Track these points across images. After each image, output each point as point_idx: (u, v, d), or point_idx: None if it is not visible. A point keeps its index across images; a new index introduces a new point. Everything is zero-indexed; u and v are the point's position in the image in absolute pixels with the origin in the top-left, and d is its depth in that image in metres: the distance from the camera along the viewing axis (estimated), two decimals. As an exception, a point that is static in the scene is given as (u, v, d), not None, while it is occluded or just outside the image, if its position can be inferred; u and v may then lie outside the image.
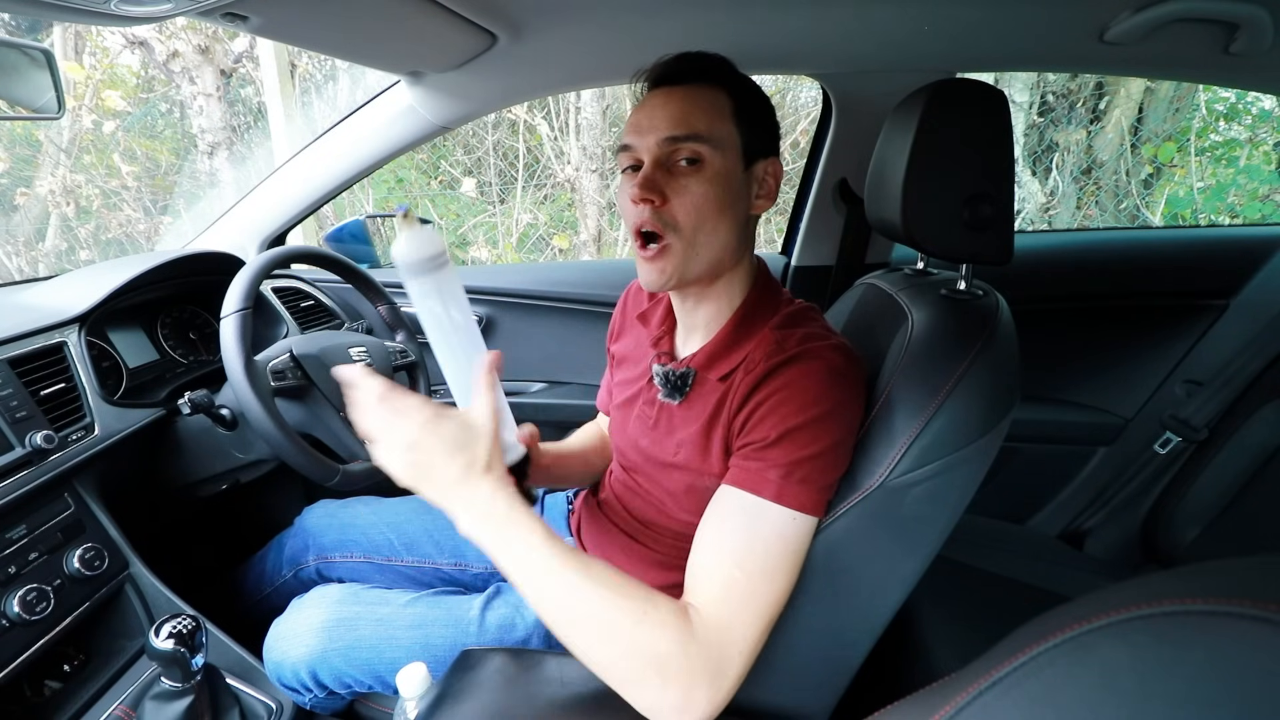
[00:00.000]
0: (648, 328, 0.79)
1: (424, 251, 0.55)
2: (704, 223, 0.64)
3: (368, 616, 0.81)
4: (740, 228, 0.67)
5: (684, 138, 0.63)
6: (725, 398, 0.66)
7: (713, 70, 0.66)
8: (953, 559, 1.10)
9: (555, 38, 1.03)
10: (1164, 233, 2.15)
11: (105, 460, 0.90)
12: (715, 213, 0.64)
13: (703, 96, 0.65)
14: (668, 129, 0.63)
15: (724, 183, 0.64)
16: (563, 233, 3.69)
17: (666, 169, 0.64)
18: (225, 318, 0.88)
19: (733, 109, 0.65)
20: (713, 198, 0.63)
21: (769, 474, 0.59)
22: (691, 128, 0.63)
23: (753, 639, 0.56)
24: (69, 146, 3.09)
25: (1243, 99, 3.26)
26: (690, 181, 0.63)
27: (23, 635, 0.73)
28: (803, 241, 1.40)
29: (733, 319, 0.70)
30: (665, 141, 0.63)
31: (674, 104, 0.64)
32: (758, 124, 0.67)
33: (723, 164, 0.64)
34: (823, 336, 0.65)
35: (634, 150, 0.66)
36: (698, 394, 0.70)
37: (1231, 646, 0.22)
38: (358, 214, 1.78)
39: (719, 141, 0.64)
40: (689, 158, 0.63)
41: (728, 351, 0.69)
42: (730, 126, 0.65)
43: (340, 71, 3.29)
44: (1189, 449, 1.29)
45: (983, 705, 0.29)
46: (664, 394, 0.72)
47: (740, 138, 0.65)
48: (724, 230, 0.65)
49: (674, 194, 0.63)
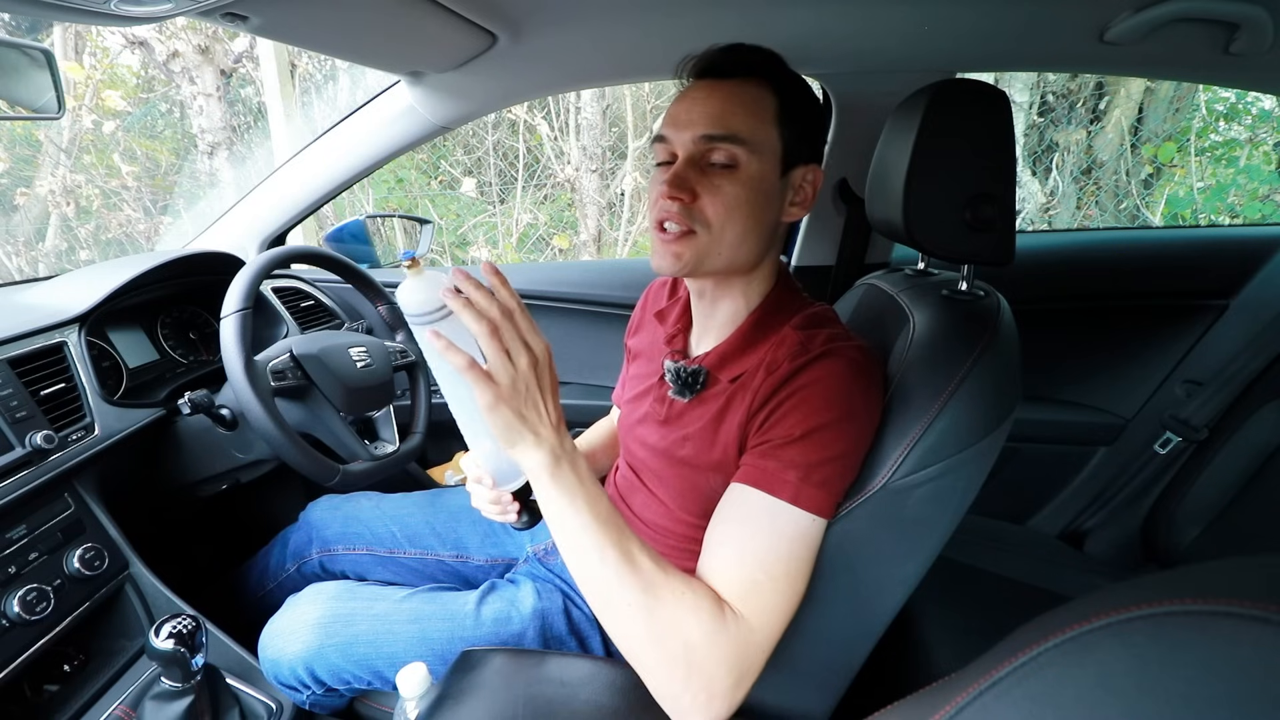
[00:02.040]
0: (664, 325, 0.79)
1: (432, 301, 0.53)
2: (732, 224, 0.63)
3: (364, 612, 0.81)
4: (768, 234, 0.66)
5: (721, 138, 0.61)
6: (736, 399, 0.66)
7: (761, 66, 0.64)
8: (953, 559, 1.10)
9: (555, 38, 1.03)
10: (1164, 233, 2.15)
11: (105, 460, 0.90)
12: (744, 216, 0.63)
13: (747, 94, 0.62)
14: (705, 126, 0.62)
15: (757, 187, 0.63)
16: (563, 233, 3.69)
17: (700, 167, 0.63)
18: (225, 318, 0.89)
19: (776, 110, 0.63)
20: (744, 201, 0.62)
21: (787, 475, 0.58)
22: (730, 128, 0.61)
23: (773, 641, 0.56)
24: (69, 146, 3.09)
25: (1243, 99, 3.26)
26: (723, 182, 0.62)
27: (23, 635, 0.73)
28: (803, 241, 1.40)
29: (748, 321, 0.69)
30: (701, 139, 0.62)
31: (715, 100, 0.62)
32: (802, 128, 0.64)
33: (758, 168, 0.62)
34: (846, 337, 0.65)
35: (669, 144, 0.65)
36: (708, 393, 0.70)
37: (1231, 646, 0.22)
38: (358, 214, 1.78)
39: (757, 145, 0.62)
40: (724, 161, 0.62)
41: (741, 354, 0.68)
42: (771, 130, 0.63)
43: (340, 71, 3.29)
44: (1189, 449, 1.29)
45: (983, 705, 0.29)
46: (674, 390, 0.72)
47: (781, 142, 0.63)
48: (751, 235, 0.64)
49: (705, 192, 0.62)
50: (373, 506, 1.02)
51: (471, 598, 0.83)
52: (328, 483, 0.91)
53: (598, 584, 0.55)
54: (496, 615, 0.81)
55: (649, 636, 0.54)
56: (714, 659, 0.53)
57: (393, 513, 1.01)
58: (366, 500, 1.04)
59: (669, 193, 0.62)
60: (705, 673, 0.53)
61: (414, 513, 1.01)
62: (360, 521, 1.00)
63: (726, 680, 0.53)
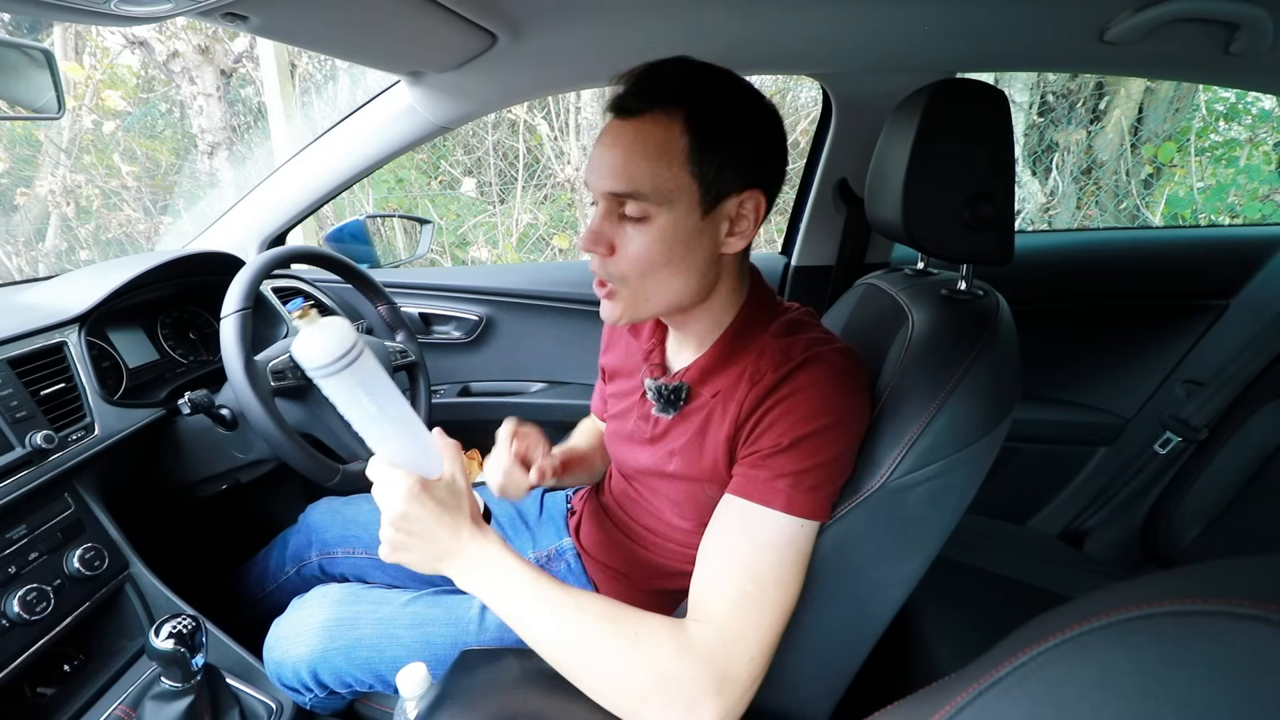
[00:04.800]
0: (639, 340, 0.78)
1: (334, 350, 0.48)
2: (650, 276, 0.61)
3: (368, 616, 0.81)
4: (701, 273, 0.63)
5: (624, 194, 0.59)
6: (719, 411, 0.65)
7: (669, 96, 0.58)
8: (953, 559, 1.10)
9: (555, 38, 1.03)
10: (1164, 233, 2.16)
11: (105, 460, 0.90)
12: (662, 265, 0.61)
13: (650, 139, 0.58)
14: (609, 183, 0.59)
15: (671, 238, 0.60)
16: (563, 233, 3.69)
17: (616, 215, 0.61)
18: (225, 318, 0.88)
19: (687, 148, 0.57)
20: (657, 254, 0.60)
21: (778, 484, 0.58)
22: (632, 184, 0.58)
23: (764, 647, 0.56)
24: (69, 146, 3.09)
25: (1243, 99, 3.26)
26: (634, 236, 0.60)
27: (23, 635, 0.73)
28: (803, 241, 1.40)
29: (725, 335, 0.68)
30: (607, 195, 0.60)
31: (619, 149, 0.59)
32: (726, 157, 0.59)
33: (669, 218, 0.59)
34: (825, 341, 0.64)
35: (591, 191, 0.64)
36: (690, 407, 0.69)
37: (1231, 646, 0.22)
38: (358, 214, 1.78)
39: (664, 196, 0.58)
40: (635, 215, 0.59)
41: (722, 367, 0.67)
42: (681, 173, 0.58)
43: (340, 71, 3.29)
44: (1189, 449, 1.29)
45: (983, 705, 0.29)
46: (657, 409, 0.71)
47: (696, 182, 0.59)
48: (676, 280, 0.62)
49: (620, 245, 0.61)
50: (372, 509, 1.02)
51: (475, 602, 0.82)
52: (328, 483, 0.91)
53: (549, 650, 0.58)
54: (500, 620, 0.81)
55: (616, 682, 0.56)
56: (689, 678, 0.53)
57: None
58: (366, 503, 1.04)
59: (584, 246, 0.62)
60: (682, 696, 0.53)
61: None
62: (360, 524, 1.00)
63: (709, 695, 0.53)
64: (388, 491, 0.56)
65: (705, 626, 0.56)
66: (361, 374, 0.50)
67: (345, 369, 0.49)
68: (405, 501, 0.55)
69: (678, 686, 0.54)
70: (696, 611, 0.58)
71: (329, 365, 0.48)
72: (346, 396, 0.51)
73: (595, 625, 0.56)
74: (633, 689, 0.55)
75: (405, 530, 0.56)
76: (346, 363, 0.49)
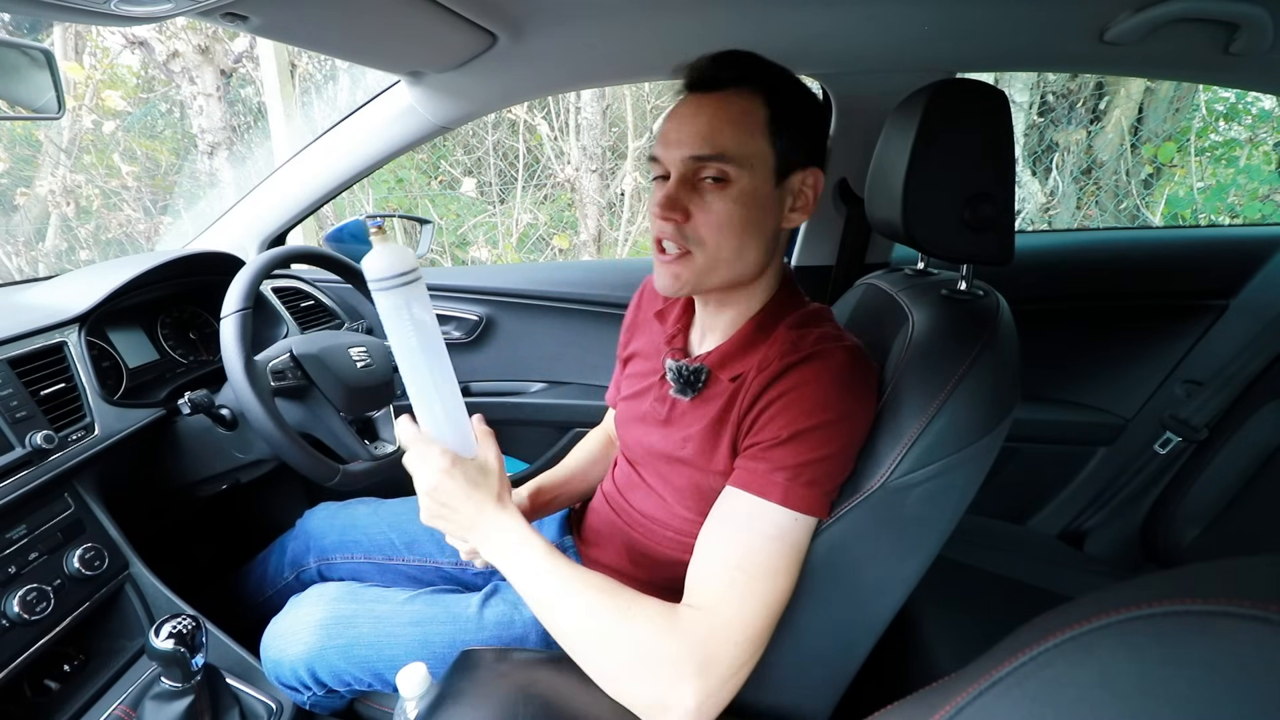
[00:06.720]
0: (664, 325, 0.80)
1: (397, 265, 0.55)
2: (727, 240, 0.63)
3: (366, 614, 0.81)
4: (767, 243, 0.66)
5: (709, 157, 0.61)
6: (735, 397, 0.66)
7: (750, 74, 0.63)
8: (953, 559, 1.10)
9: (555, 38, 1.03)
10: (1164, 233, 2.15)
11: (105, 460, 0.90)
12: (740, 231, 0.63)
13: (734, 107, 0.62)
14: (693, 147, 0.62)
15: (750, 201, 0.63)
16: (563, 233, 3.69)
17: (692, 184, 0.63)
18: (225, 318, 0.88)
19: (766, 120, 0.62)
20: (738, 216, 0.62)
21: (776, 476, 0.59)
22: (717, 146, 0.61)
23: (750, 635, 0.57)
24: (69, 146, 3.09)
25: (1243, 99, 3.26)
26: (715, 199, 0.62)
27: (23, 635, 0.73)
28: (803, 241, 1.40)
29: (751, 322, 0.70)
30: (689, 160, 0.62)
31: (702, 117, 0.62)
32: (796, 133, 0.64)
33: (750, 182, 0.62)
34: (836, 337, 0.65)
35: (662, 163, 0.65)
36: (709, 392, 0.70)
37: (1231, 646, 0.22)
38: (358, 214, 1.78)
39: (746, 160, 0.62)
40: (714, 176, 0.62)
41: (743, 353, 0.69)
42: (762, 141, 0.62)
43: (340, 71, 3.29)
44: (1189, 449, 1.29)
45: (983, 705, 0.29)
46: (675, 389, 0.72)
47: (773, 152, 0.63)
48: (749, 248, 0.65)
49: (698, 210, 0.63)
50: (370, 513, 1.01)
51: (474, 600, 0.83)
52: (328, 482, 0.91)
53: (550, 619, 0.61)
54: (499, 619, 0.81)
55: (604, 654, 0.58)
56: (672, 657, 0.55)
57: (391, 519, 1.00)
58: (364, 506, 1.03)
59: (661, 213, 0.63)
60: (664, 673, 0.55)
61: (412, 518, 0.99)
62: (358, 529, 0.99)
63: (689, 675, 0.54)
64: (420, 464, 0.62)
65: (695, 610, 0.57)
66: (412, 296, 0.56)
67: (402, 285, 0.55)
68: (436, 475, 0.61)
69: (662, 664, 0.55)
70: (689, 596, 0.59)
71: (389, 279, 0.55)
72: (394, 317, 0.57)
73: (594, 598, 0.59)
74: (620, 662, 0.57)
75: (437, 500, 0.62)
76: (404, 280, 0.55)
